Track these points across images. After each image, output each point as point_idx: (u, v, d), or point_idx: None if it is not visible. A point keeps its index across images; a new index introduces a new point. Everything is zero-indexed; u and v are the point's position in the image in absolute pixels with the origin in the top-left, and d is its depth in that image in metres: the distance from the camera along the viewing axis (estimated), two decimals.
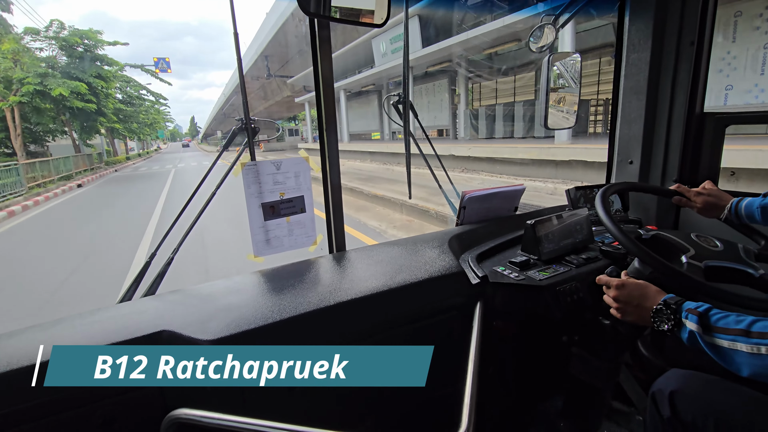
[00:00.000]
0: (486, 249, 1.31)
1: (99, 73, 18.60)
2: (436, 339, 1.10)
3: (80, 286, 4.38)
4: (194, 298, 0.98)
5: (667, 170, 1.52)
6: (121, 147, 36.66)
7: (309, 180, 1.24)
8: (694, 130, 1.43)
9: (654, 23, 1.42)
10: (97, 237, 6.94)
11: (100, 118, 19.98)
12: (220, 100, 46.91)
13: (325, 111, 1.23)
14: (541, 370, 1.41)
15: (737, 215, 1.12)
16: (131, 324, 0.85)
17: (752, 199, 1.10)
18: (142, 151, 46.66)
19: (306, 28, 1.08)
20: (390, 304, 1.02)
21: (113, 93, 21.50)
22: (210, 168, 1.20)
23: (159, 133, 56.71)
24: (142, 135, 34.53)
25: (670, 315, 0.78)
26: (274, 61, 28.18)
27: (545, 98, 1.77)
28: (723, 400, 0.81)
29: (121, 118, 24.41)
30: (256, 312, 0.89)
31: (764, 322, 0.67)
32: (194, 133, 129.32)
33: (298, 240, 1.25)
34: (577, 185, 1.55)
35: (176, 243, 1.20)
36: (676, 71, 1.43)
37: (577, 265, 1.22)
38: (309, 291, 1.00)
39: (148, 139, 51.97)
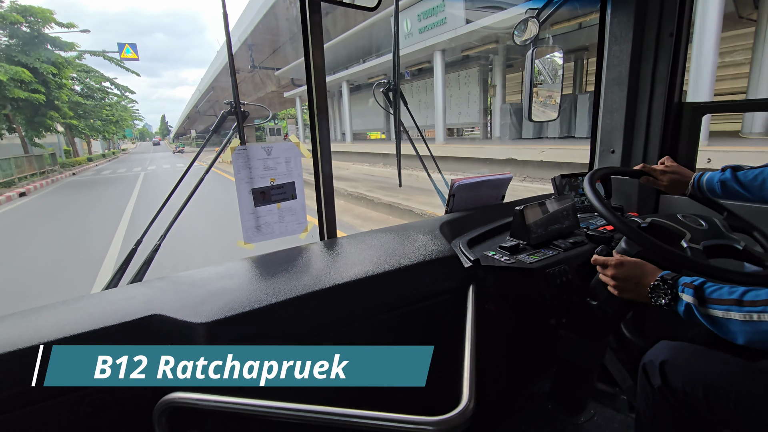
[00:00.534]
0: (476, 235, 1.33)
1: (49, 58, 15.55)
2: (431, 321, 1.11)
3: None
4: (184, 283, 0.96)
5: (647, 158, 1.57)
6: (84, 147, 32.33)
7: (300, 166, 1.23)
8: (673, 120, 1.49)
9: (635, 15, 1.46)
10: (23, 273, 4.53)
11: (50, 113, 16.84)
12: (194, 97, 41.84)
13: (316, 100, 1.21)
14: (530, 352, 1.44)
15: (700, 190, 1.20)
16: (120, 309, 0.82)
17: (712, 174, 1.17)
18: (107, 151, 40.89)
19: (297, 11, 1.07)
20: (384, 287, 1.02)
21: (69, 84, 18.48)
22: (197, 154, 1.18)
23: (126, 131, 51.62)
24: (107, 134, 30.52)
25: (667, 290, 0.81)
26: (258, 51, 24.91)
27: (529, 91, 1.81)
28: (710, 369, 0.84)
29: (81, 114, 21.45)
30: (251, 295, 0.88)
31: (755, 291, 0.71)
32: (165, 132, 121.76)
33: (288, 227, 1.24)
34: (563, 173, 1.59)
35: (163, 229, 1.17)
36: (656, 62, 1.48)
37: (565, 249, 1.24)
38: (303, 275, 0.99)
39: (114, 139, 47.21)
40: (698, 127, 1.46)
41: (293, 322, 0.89)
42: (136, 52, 19.46)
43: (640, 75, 1.52)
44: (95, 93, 23.50)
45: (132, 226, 6.59)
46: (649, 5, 1.45)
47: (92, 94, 23.34)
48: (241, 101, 1.15)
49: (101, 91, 23.79)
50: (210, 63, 30.53)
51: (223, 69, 25.72)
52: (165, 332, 0.80)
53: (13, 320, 0.80)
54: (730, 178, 1.13)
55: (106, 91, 24.08)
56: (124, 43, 19.07)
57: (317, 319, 0.92)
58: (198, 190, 1.22)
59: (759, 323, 0.68)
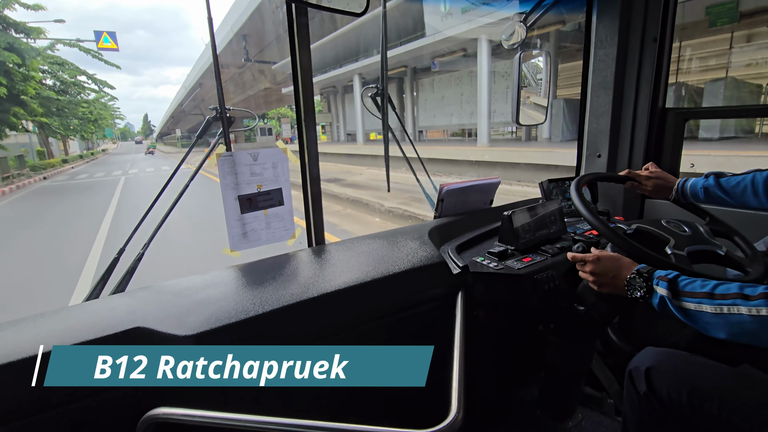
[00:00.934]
0: (465, 240, 1.33)
1: (10, 44, 13.19)
2: (420, 329, 1.10)
3: None
4: (168, 293, 0.94)
5: (632, 162, 1.60)
6: (62, 148, 29.91)
7: (287, 171, 1.21)
8: (657, 124, 1.51)
9: (620, 20, 1.48)
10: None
11: (14, 109, 14.53)
12: (179, 95, 37.33)
13: (303, 102, 1.20)
14: (519, 357, 1.45)
15: (683, 195, 1.23)
16: (101, 322, 0.80)
17: (695, 180, 1.20)
18: (85, 152, 36.03)
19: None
20: (373, 294, 1.01)
21: (37, 76, 16.10)
22: (182, 159, 1.15)
23: (107, 131, 46.51)
24: (85, 133, 27.84)
25: (642, 283, 0.83)
26: (253, 43, 21.96)
27: (516, 95, 1.82)
28: (694, 375, 0.85)
29: (54, 111, 19.15)
30: (237, 305, 0.86)
31: (726, 285, 0.73)
32: (148, 132, 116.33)
33: (276, 233, 1.22)
34: (550, 178, 1.60)
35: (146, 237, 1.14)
36: (640, 67, 1.50)
37: (553, 255, 1.25)
38: (290, 283, 0.97)
39: (93, 139, 43.91)
40: (681, 132, 1.48)
41: (280, 332, 0.88)
42: (115, 41, 15.79)
43: (625, 79, 1.54)
44: (70, 88, 20.36)
45: (111, 239, 5.74)
46: (634, 10, 1.47)
47: (66, 89, 20.35)
48: (228, 107, 1.13)
49: (77, 86, 20.68)
50: (196, 59, 27.77)
51: (210, 65, 22.43)
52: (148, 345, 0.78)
53: None
54: (713, 184, 1.15)
55: (82, 86, 20.95)
56: (101, 31, 15.55)
57: (305, 329, 0.91)
58: (183, 195, 1.20)
59: (729, 315, 0.70)
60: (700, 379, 0.84)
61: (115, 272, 1.10)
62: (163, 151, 46.08)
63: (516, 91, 1.80)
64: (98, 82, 20.50)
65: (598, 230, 0.99)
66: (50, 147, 24.07)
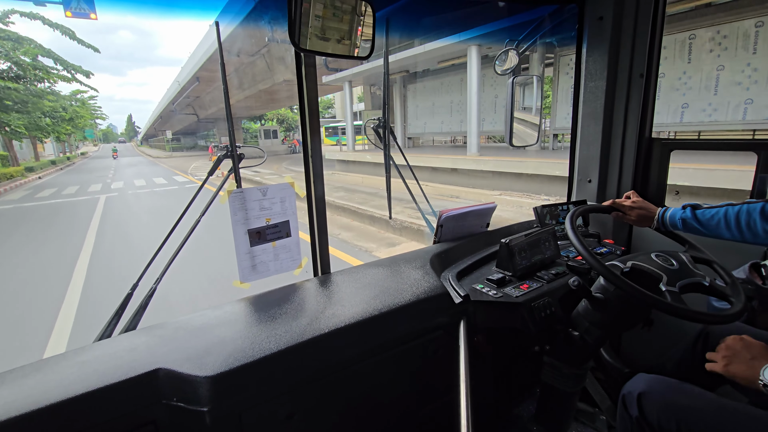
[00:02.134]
0: (464, 267, 1.39)
1: None
2: (424, 357, 1.15)
3: None
4: (183, 331, 0.97)
5: (621, 188, 1.67)
6: (40, 150, 25.50)
7: (294, 205, 1.26)
8: (644, 153, 1.59)
9: (608, 56, 1.56)
10: None
11: None
12: (170, 92, 28.78)
13: (310, 132, 1.25)
14: (515, 377, 1.50)
15: (664, 224, 1.32)
16: (123, 363, 0.83)
17: (674, 210, 1.29)
18: (60, 156, 28.22)
19: None
20: (379, 328, 1.05)
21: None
22: (194, 196, 1.19)
23: (87, 132, 37.40)
24: (59, 134, 21.88)
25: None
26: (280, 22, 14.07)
27: (510, 118, 1.90)
28: (684, 403, 0.92)
29: (10, 105, 14.99)
30: (253, 344, 0.90)
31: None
32: (132, 134, 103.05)
33: (283, 264, 1.26)
34: (544, 203, 1.67)
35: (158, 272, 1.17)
36: (628, 99, 1.58)
37: (548, 281, 1.32)
38: (301, 317, 1.02)
39: (72, 140, 36.24)
40: (667, 162, 1.57)
41: (294, 369, 0.92)
42: (93, 9, 9.73)
43: (614, 110, 1.62)
44: (27, 73, 15.12)
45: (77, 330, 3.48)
46: (621, 47, 1.55)
47: (23, 75, 15.25)
48: (238, 144, 1.17)
49: (39, 71, 15.35)
50: (193, 51, 20.93)
51: (214, 53, 16.55)
52: (171, 386, 0.81)
53: (14, 377, 0.80)
54: (689, 216, 1.24)
55: (47, 71, 15.60)
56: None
57: (317, 365, 0.95)
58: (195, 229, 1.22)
59: None
60: (688, 408, 0.90)
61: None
62: (150, 155, 39.15)
63: (509, 114, 1.87)
64: (70, 67, 15.48)
65: (599, 272, 1.05)
66: (14, 151, 19.62)
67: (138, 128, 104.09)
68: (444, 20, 2.79)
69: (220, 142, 29.49)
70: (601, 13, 1.56)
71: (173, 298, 3.81)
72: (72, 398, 0.73)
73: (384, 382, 1.11)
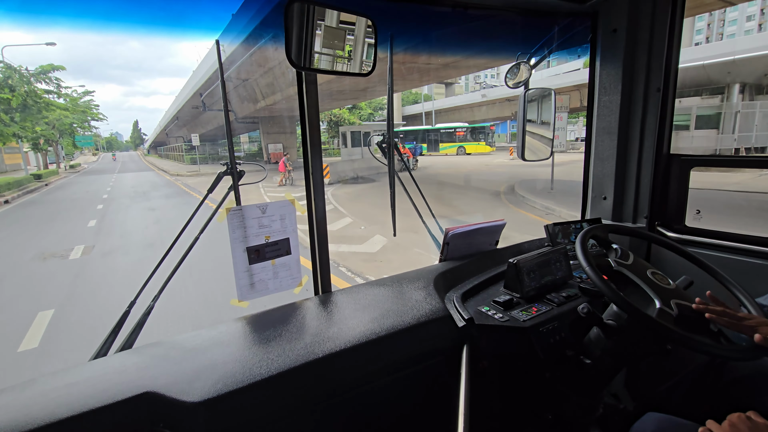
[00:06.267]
0: (470, 287, 1.33)
1: None
2: (426, 383, 1.10)
3: None
4: (176, 351, 0.95)
5: (638, 206, 1.60)
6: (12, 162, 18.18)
7: (294, 222, 1.24)
8: (662, 170, 1.52)
9: (623, 70, 1.50)
10: None
11: None
12: (191, 85, 20.58)
13: (310, 148, 1.24)
14: (523, 405, 1.43)
15: None
16: (111, 386, 0.81)
17: None
18: (43, 170, 18.85)
19: None
20: (378, 352, 1.01)
21: None
22: (193, 214, 1.18)
23: (77, 139, 24.56)
24: (28, 137, 14.35)
25: None
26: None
27: (522, 132, 1.85)
28: None
29: None
30: (244, 368, 0.87)
31: None
32: (138, 142, 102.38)
33: (283, 282, 1.24)
34: (555, 221, 1.61)
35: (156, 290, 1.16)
36: (644, 114, 1.52)
37: (558, 304, 1.25)
38: (296, 341, 0.99)
39: (56, 149, 23.80)
40: (687, 179, 1.49)
41: (287, 395, 0.88)
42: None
43: (630, 126, 1.56)
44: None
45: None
46: (637, 61, 1.49)
47: None
48: (238, 161, 1.16)
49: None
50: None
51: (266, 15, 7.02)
52: (158, 412, 0.79)
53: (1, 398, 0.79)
54: None
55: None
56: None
57: (313, 390, 0.91)
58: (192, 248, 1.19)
59: None
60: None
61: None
62: (161, 168, 27.17)
63: (522, 127, 1.83)
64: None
65: (610, 300, 1.00)
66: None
67: (144, 135, 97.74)
68: (451, 35, 2.77)
69: (267, 151, 22.90)
70: (615, 25, 1.51)
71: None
72: (57, 422, 0.72)
73: (382, 409, 1.06)
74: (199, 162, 27.73)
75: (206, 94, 19.27)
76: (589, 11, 1.60)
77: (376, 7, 1.27)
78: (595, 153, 1.68)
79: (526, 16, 1.68)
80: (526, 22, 1.81)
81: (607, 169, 1.63)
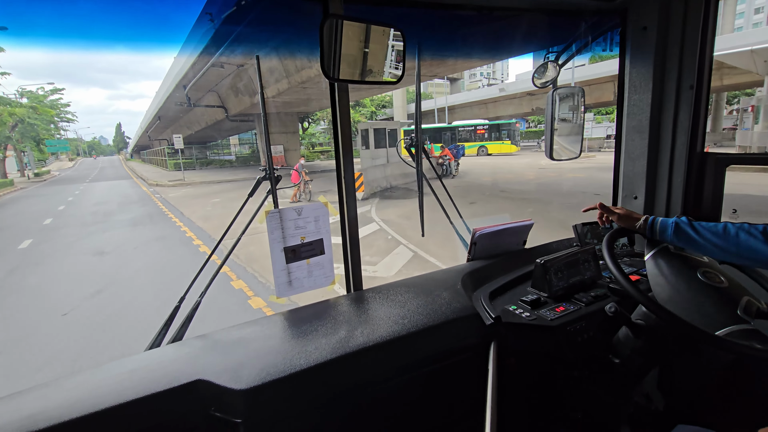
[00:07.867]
0: (498, 286, 1.36)
1: None
2: (453, 378, 1.14)
3: None
4: (223, 343, 1.04)
5: (671, 205, 1.57)
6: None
7: (328, 223, 1.30)
8: (696, 169, 1.49)
9: (654, 67, 1.49)
10: None
11: None
12: (172, 75, 17.58)
13: (342, 152, 1.29)
14: (552, 404, 1.44)
15: (652, 228, 1.20)
16: (168, 373, 0.90)
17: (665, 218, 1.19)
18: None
19: None
20: (408, 348, 1.06)
21: None
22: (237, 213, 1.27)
23: (49, 143, 24.64)
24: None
25: None
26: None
27: (550, 131, 1.85)
28: None
29: None
30: (284, 359, 0.95)
31: None
32: (121, 145, 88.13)
33: (317, 280, 1.31)
34: (584, 221, 1.60)
35: (203, 286, 1.26)
36: (676, 113, 1.49)
37: (587, 303, 1.26)
38: (331, 335, 1.05)
39: (35, 152, 23.68)
40: (722, 178, 1.46)
41: (323, 386, 0.95)
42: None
43: (661, 124, 1.54)
44: None
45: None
46: (668, 58, 1.47)
47: None
48: (276, 167, 1.24)
49: None
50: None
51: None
52: (210, 397, 0.87)
53: (67, 383, 0.89)
54: (685, 221, 1.13)
55: None
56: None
57: (347, 383, 0.97)
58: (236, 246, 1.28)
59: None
60: None
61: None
62: (141, 175, 23.77)
63: (550, 126, 1.83)
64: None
65: (637, 300, 1.00)
66: None
67: (128, 138, 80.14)
68: (479, 39, 2.74)
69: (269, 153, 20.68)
70: (645, 23, 1.49)
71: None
72: (124, 403, 0.81)
73: (411, 403, 1.11)
74: (184, 168, 22.96)
75: (190, 86, 16.58)
76: (618, 9, 1.59)
77: (403, 14, 1.32)
78: (625, 152, 1.66)
79: (553, 15, 1.68)
80: (552, 21, 1.80)
81: (637, 168, 1.62)
